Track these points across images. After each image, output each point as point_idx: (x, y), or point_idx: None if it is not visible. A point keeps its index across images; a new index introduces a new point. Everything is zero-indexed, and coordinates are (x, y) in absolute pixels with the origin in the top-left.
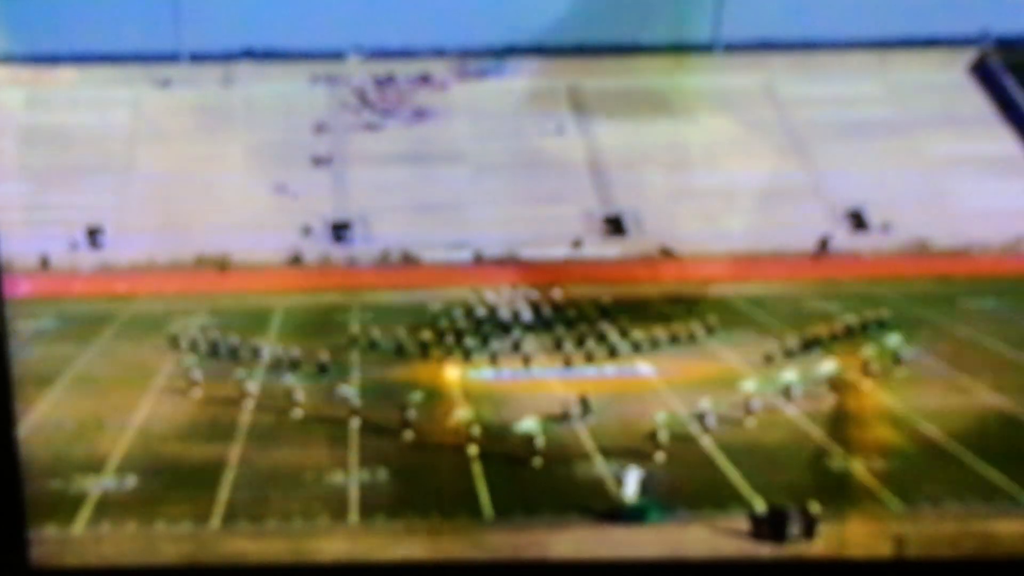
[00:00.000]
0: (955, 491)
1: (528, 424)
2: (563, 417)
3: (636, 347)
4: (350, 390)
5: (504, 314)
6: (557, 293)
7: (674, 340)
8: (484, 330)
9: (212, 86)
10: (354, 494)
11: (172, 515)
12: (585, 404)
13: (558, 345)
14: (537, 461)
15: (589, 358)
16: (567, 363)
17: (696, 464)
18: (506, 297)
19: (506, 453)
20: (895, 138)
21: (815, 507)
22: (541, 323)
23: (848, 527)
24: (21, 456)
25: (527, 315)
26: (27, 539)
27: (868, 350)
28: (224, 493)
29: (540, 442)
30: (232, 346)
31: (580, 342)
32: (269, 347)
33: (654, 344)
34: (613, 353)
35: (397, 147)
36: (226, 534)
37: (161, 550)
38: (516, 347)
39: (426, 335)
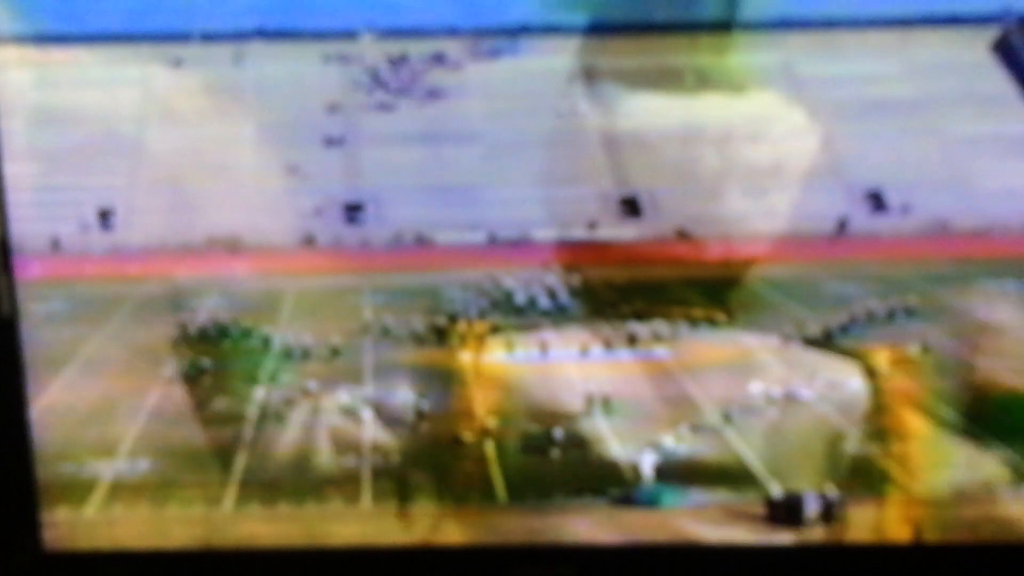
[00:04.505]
0: (974, 475)
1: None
2: (584, 415)
3: (653, 331)
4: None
5: (519, 298)
6: (573, 276)
7: (692, 323)
8: (499, 314)
9: (223, 65)
10: (367, 478)
11: (184, 498)
12: (607, 405)
13: (574, 329)
14: (555, 453)
15: (606, 342)
16: (584, 348)
17: (712, 448)
18: (521, 280)
19: (521, 440)
20: (915, 117)
21: (833, 491)
22: (557, 307)
23: (866, 511)
24: (33, 439)
25: (543, 299)
26: (39, 522)
27: (890, 336)
28: (236, 476)
29: (559, 433)
30: (244, 329)
31: (596, 326)
32: (281, 330)
33: (671, 328)
34: (630, 337)
35: (410, 127)
36: (239, 517)
37: (173, 533)
38: (531, 331)
39: (440, 319)
